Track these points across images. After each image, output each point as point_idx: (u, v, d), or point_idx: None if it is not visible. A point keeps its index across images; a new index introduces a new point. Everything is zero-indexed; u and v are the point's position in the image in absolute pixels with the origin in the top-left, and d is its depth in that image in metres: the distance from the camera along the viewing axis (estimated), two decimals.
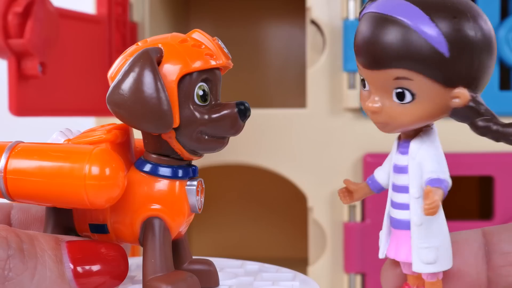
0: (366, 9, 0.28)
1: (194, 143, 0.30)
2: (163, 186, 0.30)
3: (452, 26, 0.26)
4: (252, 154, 0.63)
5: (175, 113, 0.29)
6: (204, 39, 0.30)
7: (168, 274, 0.29)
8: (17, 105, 0.47)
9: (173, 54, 0.29)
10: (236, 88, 0.85)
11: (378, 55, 0.27)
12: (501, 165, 0.60)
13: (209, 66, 0.30)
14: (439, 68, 0.26)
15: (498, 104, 0.60)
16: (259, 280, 0.34)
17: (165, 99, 0.28)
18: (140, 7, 0.66)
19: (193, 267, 0.32)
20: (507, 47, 0.59)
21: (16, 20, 0.46)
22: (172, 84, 0.29)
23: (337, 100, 0.62)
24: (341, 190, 0.32)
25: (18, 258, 0.27)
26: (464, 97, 0.26)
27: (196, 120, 0.29)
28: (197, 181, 0.31)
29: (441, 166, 0.27)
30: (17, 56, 0.47)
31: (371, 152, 0.60)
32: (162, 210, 0.30)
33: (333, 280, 0.62)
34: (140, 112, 0.28)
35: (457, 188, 0.81)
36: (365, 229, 0.60)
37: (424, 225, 0.28)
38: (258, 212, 0.85)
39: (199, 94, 0.29)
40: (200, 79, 0.29)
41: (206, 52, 0.30)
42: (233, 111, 0.30)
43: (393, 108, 0.27)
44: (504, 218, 0.60)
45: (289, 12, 0.84)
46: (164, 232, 0.30)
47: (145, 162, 0.31)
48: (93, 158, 0.28)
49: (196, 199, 0.31)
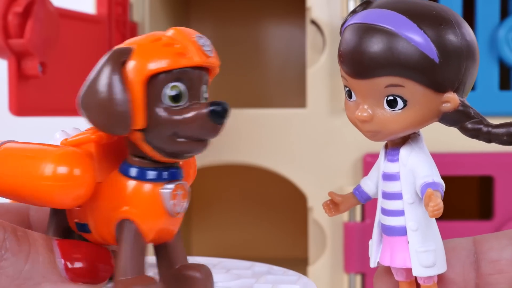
0: (348, 21, 0.28)
1: (167, 145, 0.29)
2: (136, 189, 0.30)
3: (439, 33, 0.26)
4: (252, 154, 0.63)
5: (138, 114, 0.28)
6: (180, 37, 0.29)
7: (133, 278, 0.29)
8: (17, 105, 0.47)
9: (141, 54, 0.28)
10: (236, 88, 0.85)
11: (366, 64, 0.27)
12: (501, 165, 0.60)
13: (179, 66, 0.28)
14: (430, 73, 0.26)
15: (498, 104, 0.60)
16: (260, 283, 0.34)
17: (121, 100, 0.28)
18: (140, 7, 0.66)
19: (182, 272, 0.31)
20: (507, 47, 0.59)
21: (16, 20, 0.46)
22: (138, 84, 0.28)
23: (337, 100, 0.62)
24: (326, 203, 0.31)
25: (14, 241, 0.28)
26: (454, 101, 0.27)
27: (165, 121, 0.28)
28: (175, 184, 0.30)
29: (434, 170, 0.28)
30: (17, 56, 0.47)
31: (371, 152, 0.60)
32: (133, 212, 0.29)
33: (333, 280, 0.62)
34: (97, 113, 0.28)
35: (457, 188, 0.81)
36: (365, 229, 0.60)
37: (420, 230, 0.28)
38: (258, 212, 0.85)
39: (170, 95, 0.28)
40: (172, 79, 0.28)
41: (178, 51, 0.29)
42: (203, 112, 0.28)
43: (384, 115, 0.27)
44: (504, 218, 0.60)
45: (289, 12, 0.84)
46: (135, 236, 0.29)
47: (125, 163, 0.30)
48: (54, 159, 0.28)
49: (172, 203, 0.30)
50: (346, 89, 0.28)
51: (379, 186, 0.29)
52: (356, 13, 0.28)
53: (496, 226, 0.60)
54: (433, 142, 0.35)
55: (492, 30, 0.59)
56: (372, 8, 0.27)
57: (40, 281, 0.28)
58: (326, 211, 0.31)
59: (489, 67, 0.60)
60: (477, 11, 0.60)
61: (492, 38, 0.59)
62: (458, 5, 0.59)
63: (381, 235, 0.29)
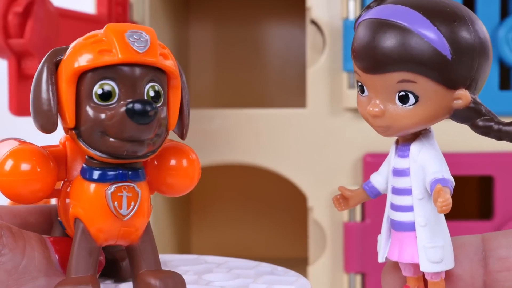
0: (362, 16, 0.28)
1: (98, 144, 0.28)
2: (84, 188, 0.30)
3: (452, 30, 0.26)
4: (252, 154, 0.63)
5: (66, 112, 0.28)
6: (108, 34, 0.28)
7: (74, 278, 0.29)
8: (17, 105, 0.48)
9: (72, 52, 0.29)
10: (236, 88, 0.85)
11: (379, 59, 0.27)
12: (501, 165, 0.60)
13: (103, 63, 0.28)
14: (442, 70, 0.26)
15: (498, 104, 0.60)
16: (257, 283, 0.34)
17: (45, 98, 0.28)
18: (140, 7, 0.66)
19: (143, 277, 0.30)
20: (507, 47, 0.59)
21: (16, 20, 0.46)
22: (66, 83, 0.28)
23: (337, 100, 0.62)
24: (336, 197, 0.31)
25: (11, 237, 0.29)
26: (466, 98, 0.27)
27: (91, 120, 0.28)
28: (117, 186, 0.29)
29: (443, 167, 0.28)
30: (17, 56, 0.47)
31: (371, 152, 0.60)
32: (81, 212, 0.29)
33: (333, 280, 0.62)
34: (31, 112, 0.29)
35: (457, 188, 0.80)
36: (365, 229, 0.60)
37: (429, 226, 0.28)
38: (258, 212, 0.85)
39: (97, 93, 0.28)
40: (99, 77, 0.28)
41: (102, 48, 0.28)
42: (120, 111, 0.28)
43: (396, 111, 0.27)
44: (504, 218, 0.60)
45: (289, 12, 0.84)
46: (82, 236, 0.29)
47: (84, 163, 0.30)
48: (8, 155, 0.29)
49: (114, 205, 0.29)
50: (359, 84, 0.29)
51: (389, 182, 0.29)
52: (370, 9, 0.28)
53: (496, 226, 0.60)
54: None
55: (492, 30, 0.59)
56: (386, 4, 0.28)
57: (37, 275, 0.29)
58: (335, 205, 0.31)
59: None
60: (477, 11, 0.60)
61: (492, 38, 0.59)
62: None
63: (390, 230, 0.30)
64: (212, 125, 0.63)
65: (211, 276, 0.35)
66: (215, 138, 0.63)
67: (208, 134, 0.63)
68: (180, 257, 0.38)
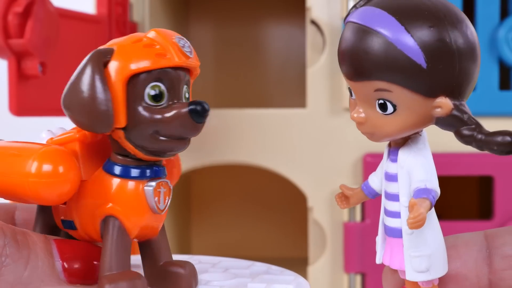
0: (349, 17, 0.28)
1: (149, 143, 0.29)
2: (120, 186, 0.30)
3: (428, 36, 0.25)
4: (252, 154, 0.63)
5: (119, 113, 0.29)
6: (160, 38, 0.30)
7: (118, 273, 0.29)
8: (17, 105, 0.48)
9: (122, 54, 0.29)
10: (236, 88, 0.85)
11: (358, 67, 0.26)
12: (501, 165, 0.60)
13: (160, 66, 0.29)
14: (417, 79, 0.25)
15: (498, 104, 0.60)
16: (255, 282, 0.34)
17: (102, 99, 0.28)
18: (140, 7, 0.66)
19: (166, 268, 0.32)
20: (507, 47, 0.59)
21: (16, 20, 0.46)
22: (119, 84, 0.29)
23: (337, 100, 0.62)
24: (338, 195, 0.31)
25: (14, 247, 0.28)
26: (446, 106, 0.26)
27: (146, 120, 0.29)
28: (157, 182, 0.31)
29: (429, 175, 0.27)
30: (17, 56, 0.47)
31: (371, 152, 0.60)
32: (117, 209, 0.30)
33: (333, 280, 0.62)
34: (80, 112, 0.29)
35: (457, 188, 0.81)
36: (365, 229, 0.60)
37: (415, 234, 0.27)
38: (258, 212, 0.85)
39: (150, 94, 0.29)
40: (152, 79, 0.29)
41: (158, 51, 0.29)
42: (183, 111, 0.29)
43: (377, 118, 0.27)
44: (504, 218, 0.60)
45: (289, 12, 0.84)
46: (120, 232, 0.30)
47: (109, 161, 0.31)
48: (38, 157, 0.29)
49: (155, 200, 0.30)
50: (348, 86, 0.28)
51: (382, 185, 0.29)
52: (356, 9, 0.27)
53: (496, 226, 0.60)
54: (433, 142, 0.34)
55: (492, 30, 0.59)
56: (368, 6, 0.27)
57: (39, 285, 0.29)
58: (338, 203, 0.31)
59: (489, 67, 0.60)
60: (477, 11, 0.60)
61: (492, 38, 0.59)
62: (458, 5, 0.59)
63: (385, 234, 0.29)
64: (212, 125, 0.63)
65: (208, 276, 0.35)
66: (215, 138, 0.63)
67: (208, 134, 0.63)
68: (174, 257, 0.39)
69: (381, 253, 0.29)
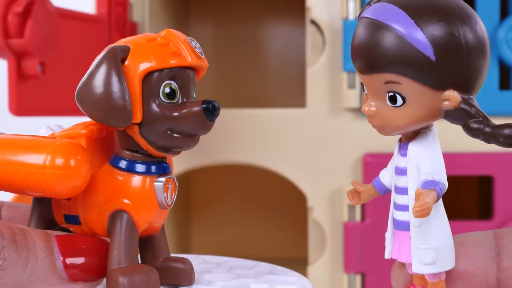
0: (362, 13, 0.28)
1: (161, 139, 0.30)
2: (129, 181, 0.31)
3: (437, 30, 0.26)
4: (252, 154, 0.63)
5: (136, 108, 0.30)
6: (174, 38, 0.31)
7: (129, 266, 0.30)
8: (17, 105, 0.48)
9: (139, 52, 0.30)
10: (236, 88, 0.85)
11: (369, 59, 0.27)
12: (501, 165, 0.60)
13: (174, 65, 0.30)
14: (426, 71, 0.26)
15: (498, 104, 0.60)
16: (258, 283, 0.34)
17: (120, 94, 0.29)
18: (140, 7, 0.66)
19: (166, 264, 0.33)
20: (507, 47, 0.59)
21: (16, 20, 0.46)
22: (135, 80, 0.30)
23: (337, 100, 0.62)
24: (350, 191, 0.32)
25: (12, 249, 0.28)
26: (454, 99, 0.26)
27: (161, 117, 0.30)
28: (166, 178, 0.31)
29: (438, 168, 0.28)
30: (17, 56, 0.47)
31: (371, 152, 0.60)
32: (128, 204, 0.31)
33: (333, 280, 0.62)
34: (97, 106, 0.29)
35: (457, 188, 0.81)
36: (365, 229, 0.60)
37: (423, 226, 0.28)
38: (258, 212, 0.85)
39: (165, 92, 0.30)
40: (167, 77, 0.30)
41: (173, 51, 0.30)
42: (198, 109, 0.30)
43: (388, 111, 0.27)
44: (504, 218, 0.60)
45: (289, 12, 0.84)
46: (129, 226, 0.31)
47: (117, 157, 0.31)
48: (53, 149, 0.29)
49: (164, 196, 0.31)
50: (361, 81, 0.29)
51: (392, 180, 0.30)
52: (369, 6, 0.28)
53: (496, 226, 0.60)
54: None
55: (492, 30, 0.59)
56: (381, 2, 0.27)
57: (40, 286, 0.29)
58: (350, 199, 0.32)
59: (489, 67, 0.60)
60: (477, 11, 0.60)
61: (492, 38, 0.59)
62: None
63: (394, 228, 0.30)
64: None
65: (212, 276, 0.35)
66: (215, 138, 0.63)
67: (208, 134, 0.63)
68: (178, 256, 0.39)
69: (390, 247, 0.30)
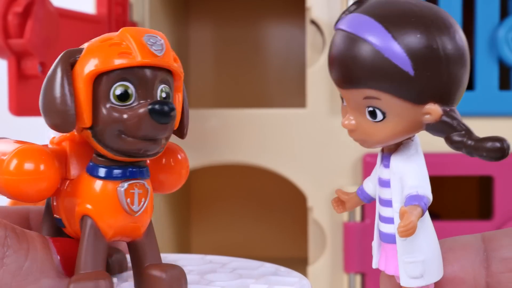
0: (338, 23, 0.27)
1: (115, 143, 0.29)
2: (92, 186, 0.30)
3: (415, 43, 0.25)
4: (252, 154, 0.63)
5: (83, 112, 0.29)
6: (127, 37, 0.29)
7: (86, 273, 0.29)
8: (17, 105, 0.48)
9: (88, 54, 0.29)
10: (236, 88, 0.85)
11: (346, 74, 0.26)
12: (501, 165, 0.60)
13: (122, 65, 0.29)
14: (405, 86, 0.25)
15: (498, 104, 0.60)
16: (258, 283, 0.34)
17: (61, 99, 0.29)
18: (140, 7, 0.66)
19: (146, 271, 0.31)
20: (507, 47, 0.59)
21: (16, 20, 0.46)
22: (82, 83, 0.29)
23: (337, 100, 0.62)
24: (334, 199, 0.31)
25: (15, 238, 0.29)
26: (435, 113, 0.26)
27: (109, 120, 0.29)
28: (130, 183, 0.30)
29: (421, 181, 0.27)
30: (17, 56, 0.47)
31: (371, 152, 0.60)
32: (90, 209, 0.30)
33: (333, 280, 0.62)
34: (44, 111, 0.29)
35: (457, 188, 0.81)
36: (365, 229, 0.60)
37: (409, 240, 0.27)
38: (258, 212, 0.85)
39: (115, 94, 0.29)
40: (118, 79, 0.29)
41: (122, 51, 0.29)
42: (143, 111, 0.28)
43: (368, 125, 0.27)
44: (504, 218, 0.60)
45: (289, 12, 0.84)
46: (93, 231, 0.30)
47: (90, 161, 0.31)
48: (14, 154, 0.29)
49: (126, 202, 0.30)
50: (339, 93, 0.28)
51: (376, 191, 0.29)
52: (346, 15, 0.27)
53: (496, 226, 0.60)
54: (432, 142, 0.35)
55: (492, 30, 0.59)
56: (357, 13, 0.27)
57: (39, 277, 0.29)
58: (334, 207, 0.31)
59: (489, 67, 0.60)
60: (477, 11, 0.60)
61: (492, 38, 0.59)
62: (458, 5, 0.59)
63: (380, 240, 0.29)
64: (212, 125, 0.63)
65: (214, 276, 0.35)
66: (215, 138, 0.63)
67: (208, 134, 0.63)
68: (186, 256, 0.39)
69: (377, 258, 0.29)
